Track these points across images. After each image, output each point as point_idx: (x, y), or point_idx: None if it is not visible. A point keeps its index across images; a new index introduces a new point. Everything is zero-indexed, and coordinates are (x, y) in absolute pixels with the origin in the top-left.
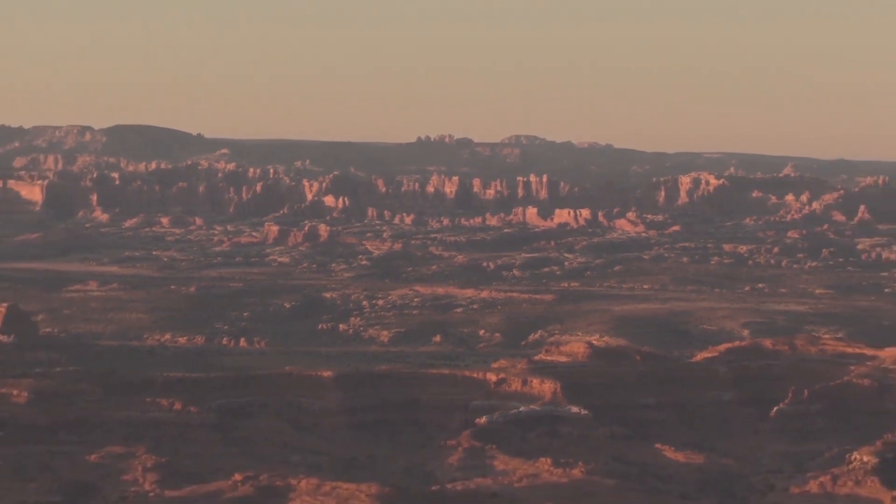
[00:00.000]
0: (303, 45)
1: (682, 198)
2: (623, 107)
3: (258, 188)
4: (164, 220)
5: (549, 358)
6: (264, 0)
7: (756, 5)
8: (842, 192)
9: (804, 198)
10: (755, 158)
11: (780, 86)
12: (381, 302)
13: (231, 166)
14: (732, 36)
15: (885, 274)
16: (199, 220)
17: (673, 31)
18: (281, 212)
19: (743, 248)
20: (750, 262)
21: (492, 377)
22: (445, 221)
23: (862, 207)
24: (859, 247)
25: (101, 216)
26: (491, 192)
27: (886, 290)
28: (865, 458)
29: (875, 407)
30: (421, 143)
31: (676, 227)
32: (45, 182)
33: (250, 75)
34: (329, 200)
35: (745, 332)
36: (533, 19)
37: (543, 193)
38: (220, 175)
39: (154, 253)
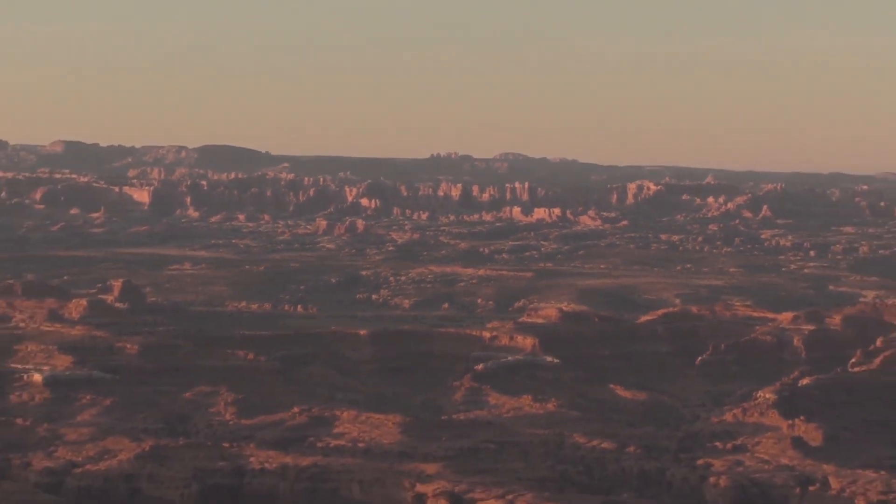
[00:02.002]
0: (344, 83)
1: (630, 199)
2: (585, 131)
3: (311, 192)
4: (241, 217)
5: (529, 320)
6: (311, 47)
7: (685, 42)
8: (749, 195)
9: (721, 200)
10: (684, 170)
11: (702, 113)
12: (403, 278)
13: (290, 176)
14: (672, 68)
15: (782, 257)
16: (267, 217)
17: (626, 65)
18: (328, 210)
19: (675, 238)
20: (680, 248)
21: (486, 334)
22: (452, 217)
23: (764, 207)
24: (762, 236)
25: (193, 214)
26: (486, 196)
27: (783, 269)
28: (767, 396)
29: (775, 357)
30: (433, 159)
31: (625, 222)
32: (151, 188)
33: (306, 107)
34: (364, 202)
35: (677, 301)
36: (519, 63)
37: (525, 196)
38: (282, 183)
39: (233, 241)
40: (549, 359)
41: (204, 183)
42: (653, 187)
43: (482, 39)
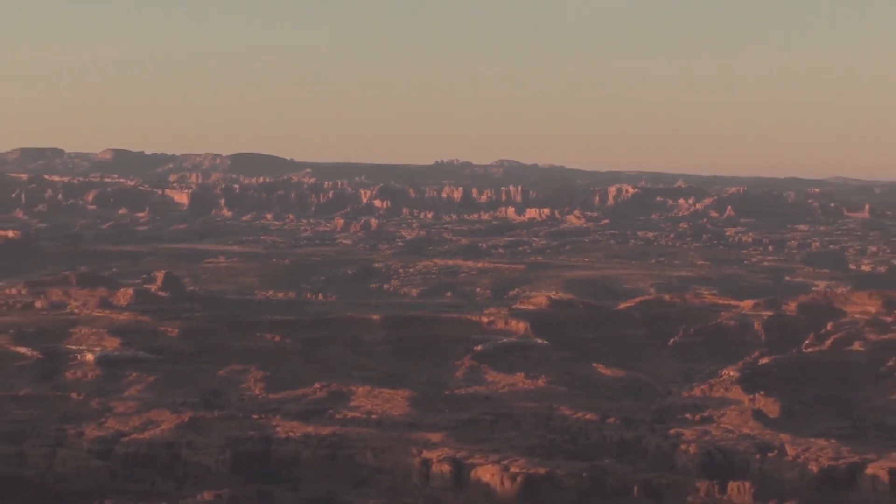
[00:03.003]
0: (359, 97)
1: (610, 201)
2: (571, 140)
3: (330, 194)
4: (269, 216)
5: (522, 307)
6: (331, 65)
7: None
8: (715, 197)
9: (690, 201)
10: (658, 175)
11: (674, 124)
12: (411, 270)
13: (312, 180)
14: (648, 85)
15: (744, 251)
16: (291, 216)
17: (608, 82)
18: (345, 210)
19: (650, 235)
20: (655, 243)
21: (484, 319)
22: (454, 217)
23: (729, 207)
24: (727, 234)
25: (226, 213)
26: (484, 198)
27: (745, 262)
28: (731, 373)
29: (738, 339)
30: (438, 165)
31: (606, 221)
32: (190, 191)
33: (326, 119)
34: (377, 203)
35: (652, 290)
36: (513, 80)
37: (518, 198)
38: (305, 186)
39: (261, 238)
40: (539, 341)
41: (236, 186)
42: (630, 190)
43: (481, 60)
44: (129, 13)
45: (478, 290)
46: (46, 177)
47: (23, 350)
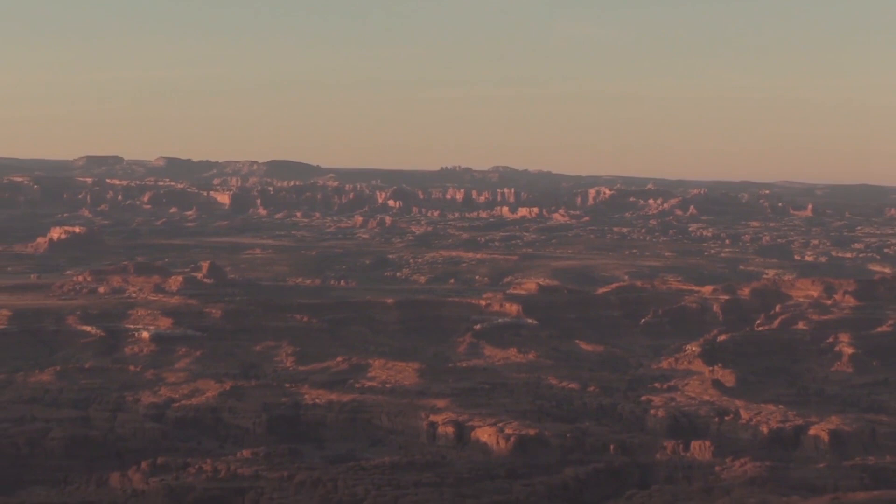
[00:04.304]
0: (376, 112)
1: (590, 201)
2: (557, 149)
3: (351, 196)
4: (298, 214)
5: (514, 291)
6: (353, 84)
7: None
8: (680, 198)
9: (659, 201)
10: (631, 179)
11: (644, 136)
12: (420, 260)
13: (335, 183)
14: (622, 103)
15: (705, 244)
16: (317, 214)
17: (588, 100)
18: (363, 209)
19: (624, 230)
20: (628, 237)
21: (482, 302)
22: (456, 215)
23: (691, 207)
24: (690, 229)
25: (262, 212)
26: (482, 198)
27: (705, 254)
28: (694, 348)
29: (699, 319)
30: (443, 171)
31: (587, 218)
32: (231, 193)
33: (347, 130)
34: (391, 203)
35: (626, 277)
36: (507, 98)
37: (512, 199)
38: (329, 188)
39: (292, 233)
40: (529, 321)
41: (270, 189)
42: (607, 192)
43: (481, 82)
44: (179, 41)
45: (477, 277)
46: (108, 181)
47: (88, 329)
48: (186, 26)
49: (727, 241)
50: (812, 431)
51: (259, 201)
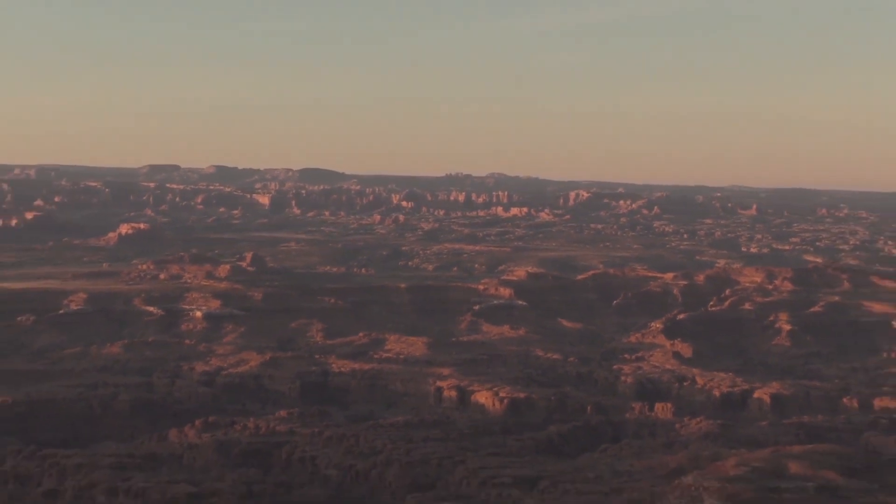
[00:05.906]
0: (391, 128)
1: (571, 202)
2: (543, 158)
3: (370, 198)
4: (326, 213)
5: (507, 278)
6: (370, 103)
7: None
8: (646, 199)
9: (628, 202)
10: (605, 183)
11: (617, 148)
12: (428, 252)
13: (358, 187)
14: (598, 120)
15: (666, 238)
16: (342, 213)
17: (570, 116)
18: (381, 209)
19: (599, 226)
20: (603, 233)
21: (481, 287)
22: (459, 214)
23: (656, 207)
24: (654, 226)
25: (296, 211)
26: (480, 200)
27: (667, 246)
28: (657, 325)
29: (661, 300)
30: (448, 177)
31: (568, 217)
32: (270, 195)
33: (368, 141)
34: (404, 203)
35: (601, 266)
36: (501, 115)
37: (505, 200)
38: (353, 192)
39: (321, 229)
40: (520, 302)
41: (303, 192)
42: (585, 194)
43: (479, 101)
44: (228, 67)
45: (476, 266)
46: (168, 185)
47: (151, 309)
48: (231, 55)
49: (685, 236)
50: (756, 395)
51: (294, 202)
